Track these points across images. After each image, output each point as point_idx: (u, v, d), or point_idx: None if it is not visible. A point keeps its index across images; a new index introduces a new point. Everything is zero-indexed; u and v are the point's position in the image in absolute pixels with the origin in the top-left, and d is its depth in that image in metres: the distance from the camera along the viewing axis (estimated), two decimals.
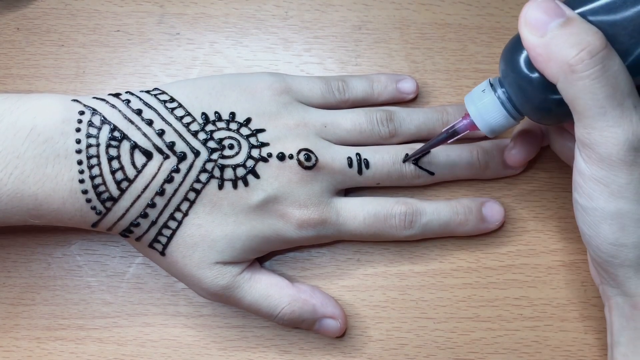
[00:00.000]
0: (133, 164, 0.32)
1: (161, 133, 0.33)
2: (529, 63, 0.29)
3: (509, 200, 0.39)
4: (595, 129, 0.27)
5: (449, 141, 0.34)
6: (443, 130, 0.34)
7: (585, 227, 0.30)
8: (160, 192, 0.33)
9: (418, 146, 0.37)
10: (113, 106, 0.33)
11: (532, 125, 0.37)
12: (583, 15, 0.28)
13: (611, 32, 0.27)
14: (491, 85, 0.32)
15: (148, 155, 0.33)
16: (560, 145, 0.35)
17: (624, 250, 0.29)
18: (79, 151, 0.32)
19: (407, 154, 0.37)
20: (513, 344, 0.37)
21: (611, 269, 0.30)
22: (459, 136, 0.34)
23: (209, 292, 0.35)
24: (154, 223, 0.33)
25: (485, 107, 0.32)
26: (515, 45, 0.30)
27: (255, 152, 0.34)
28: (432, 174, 0.37)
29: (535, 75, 0.29)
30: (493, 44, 0.40)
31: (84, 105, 0.33)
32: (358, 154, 0.36)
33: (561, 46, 0.27)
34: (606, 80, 0.27)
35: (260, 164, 0.34)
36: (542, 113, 0.30)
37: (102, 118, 0.32)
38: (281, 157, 0.34)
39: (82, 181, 0.32)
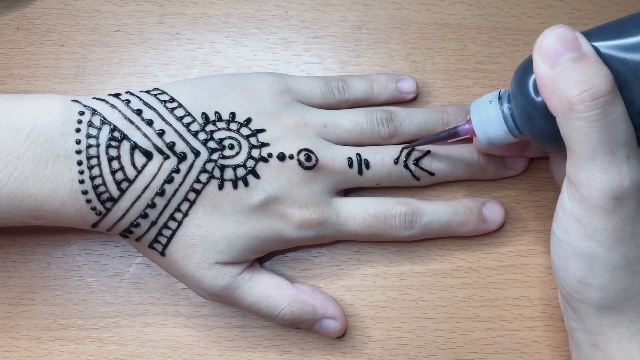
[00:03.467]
0: (133, 164, 0.32)
1: (161, 133, 0.33)
2: (536, 87, 0.29)
3: (509, 200, 0.39)
4: (583, 170, 0.27)
5: (448, 141, 0.34)
6: (445, 129, 0.35)
7: (556, 257, 0.31)
8: (160, 193, 0.33)
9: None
10: (113, 106, 0.33)
11: None
12: (601, 49, 0.27)
13: (623, 77, 0.27)
14: (500, 97, 0.32)
15: (148, 155, 0.33)
16: (556, 169, 0.36)
17: (587, 288, 0.29)
18: (79, 151, 0.32)
19: (402, 149, 0.37)
20: (513, 344, 0.37)
21: (574, 303, 0.31)
22: (458, 138, 0.34)
23: (209, 292, 0.35)
24: (154, 223, 0.33)
25: (488, 118, 0.32)
26: (528, 66, 0.29)
27: (255, 152, 0.34)
28: (432, 174, 0.37)
29: (540, 100, 0.29)
30: (493, 44, 0.40)
31: (84, 106, 0.33)
32: (358, 154, 0.36)
33: (567, 82, 0.26)
34: (603, 126, 0.26)
35: (261, 164, 0.34)
36: (541, 139, 0.30)
37: (102, 118, 0.32)
38: (281, 157, 0.34)
39: (82, 182, 0.32)
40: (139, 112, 0.33)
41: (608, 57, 0.27)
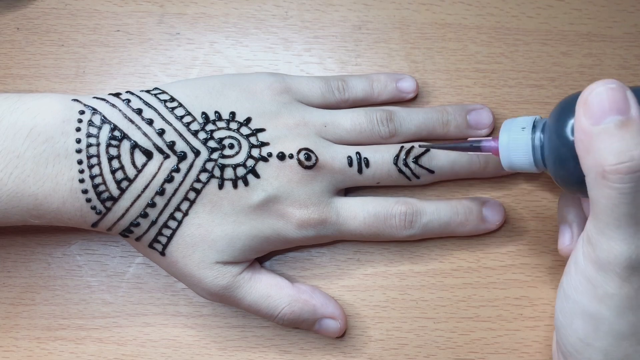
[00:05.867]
0: (133, 163, 0.32)
1: (161, 132, 0.33)
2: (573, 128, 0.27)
3: (509, 200, 0.39)
4: (604, 235, 0.26)
5: (468, 152, 0.34)
6: (469, 139, 0.33)
7: (561, 314, 0.30)
8: (161, 192, 0.33)
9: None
10: (113, 106, 0.33)
11: None
12: None
13: None
14: (535, 124, 0.30)
15: (148, 154, 0.33)
16: (563, 209, 0.34)
17: (589, 349, 0.29)
18: (79, 151, 0.32)
19: (401, 148, 0.36)
20: (513, 344, 0.37)
21: None
22: (479, 153, 0.33)
23: (209, 292, 0.35)
24: (154, 223, 0.33)
25: (516, 143, 0.30)
26: (570, 105, 0.27)
27: (255, 152, 0.34)
28: (431, 172, 0.37)
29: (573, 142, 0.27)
30: (493, 44, 0.40)
31: (84, 105, 0.33)
32: (358, 153, 0.36)
33: (605, 146, 0.25)
34: (632, 199, 0.25)
35: (261, 163, 0.34)
36: (565, 181, 0.29)
37: (103, 117, 0.32)
38: (281, 156, 0.34)
39: (82, 181, 0.32)
40: (139, 112, 0.33)
41: None
